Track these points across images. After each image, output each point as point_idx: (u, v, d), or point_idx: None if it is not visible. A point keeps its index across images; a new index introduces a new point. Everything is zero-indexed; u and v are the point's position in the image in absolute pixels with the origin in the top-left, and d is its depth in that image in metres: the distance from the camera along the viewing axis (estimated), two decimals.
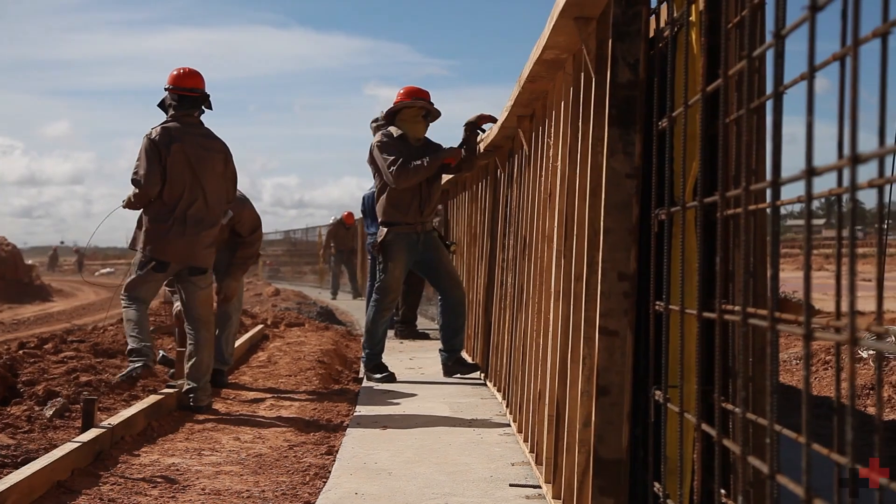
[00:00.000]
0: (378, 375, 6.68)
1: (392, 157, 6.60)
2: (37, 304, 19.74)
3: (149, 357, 5.41)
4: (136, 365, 5.36)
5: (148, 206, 5.53)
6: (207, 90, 5.71)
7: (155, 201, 5.51)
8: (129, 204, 5.62)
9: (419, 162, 6.57)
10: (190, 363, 5.59)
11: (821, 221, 45.07)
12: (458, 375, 6.78)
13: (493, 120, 6.52)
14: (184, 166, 5.50)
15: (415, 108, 6.73)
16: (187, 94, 5.63)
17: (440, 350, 6.94)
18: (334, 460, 4.24)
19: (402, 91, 6.89)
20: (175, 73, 5.68)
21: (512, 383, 5.13)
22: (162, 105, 5.70)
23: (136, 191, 5.51)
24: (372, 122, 8.13)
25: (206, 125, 5.74)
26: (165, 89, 5.69)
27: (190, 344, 5.61)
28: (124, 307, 5.52)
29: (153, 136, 5.52)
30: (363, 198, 10.09)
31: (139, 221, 5.57)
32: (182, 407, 5.52)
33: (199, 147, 5.56)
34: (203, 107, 5.69)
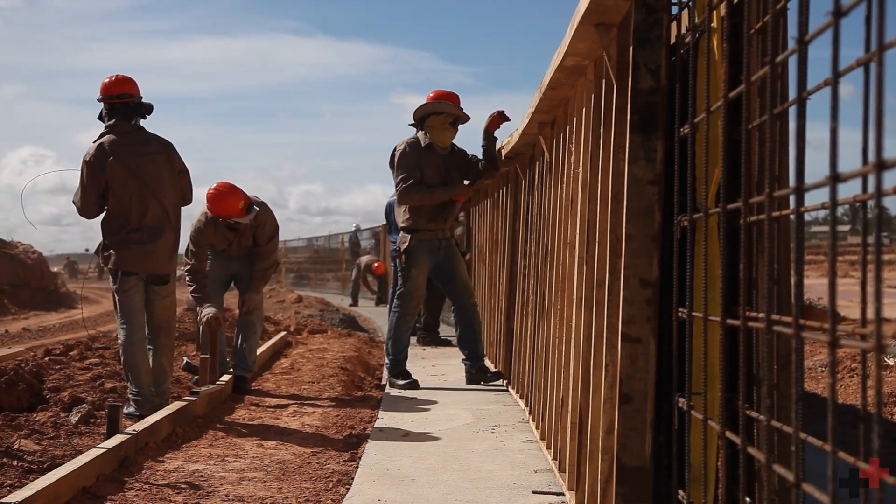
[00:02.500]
0: (401, 382, 6.68)
1: (405, 174, 6.63)
2: (62, 312, 19.90)
3: (146, 402, 5.40)
4: (132, 410, 5.38)
5: (103, 221, 5.50)
6: (232, 98, 5.75)
7: (107, 216, 5.48)
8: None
9: (427, 192, 6.62)
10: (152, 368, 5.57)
11: (846, 228, 44.76)
12: (482, 383, 6.78)
13: (506, 118, 6.54)
14: (125, 178, 5.42)
15: (443, 114, 6.73)
16: (118, 102, 5.52)
17: (463, 359, 6.93)
18: (357, 467, 4.25)
19: (431, 95, 6.88)
20: (105, 81, 5.57)
21: (534, 390, 5.12)
22: (101, 118, 5.61)
23: (77, 210, 5.50)
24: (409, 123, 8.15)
25: (147, 130, 5.60)
26: (98, 100, 5.60)
27: (149, 349, 5.56)
28: (119, 337, 5.52)
29: (88, 157, 5.45)
30: (387, 205, 10.12)
31: (103, 235, 5.54)
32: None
33: (136, 155, 5.46)
34: (138, 115, 5.57)
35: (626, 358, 2.68)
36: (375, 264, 19.78)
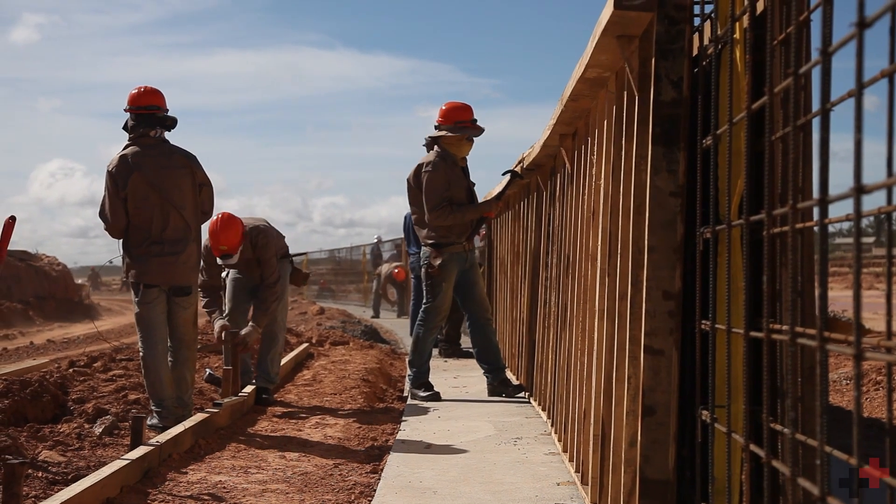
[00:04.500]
0: (423, 394, 6.68)
1: (437, 196, 6.66)
2: (86, 323, 20.05)
3: (169, 414, 5.42)
4: (155, 421, 5.40)
5: (126, 234, 5.54)
6: (259, 110, 5.78)
7: (129, 228, 5.51)
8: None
9: (459, 211, 6.68)
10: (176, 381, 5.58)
11: (870, 240, 44.41)
12: (503, 395, 6.77)
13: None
14: (147, 191, 5.46)
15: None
16: (144, 113, 5.57)
17: (484, 372, 6.92)
18: (379, 479, 4.25)
19: (444, 108, 6.86)
20: (134, 91, 5.63)
21: (557, 402, 5.10)
22: (125, 128, 5.66)
23: (104, 226, 5.54)
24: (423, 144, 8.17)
25: (171, 143, 5.65)
26: (125, 110, 5.65)
27: (170, 360, 5.59)
28: (140, 349, 5.55)
29: (111, 168, 5.50)
30: (405, 217, 10.14)
31: (124, 249, 5.57)
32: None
33: (159, 168, 5.50)
34: (163, 127, 5.61)
35: (649, 370, 2.67)
36: (396, 270, 19.80)
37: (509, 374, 7.17)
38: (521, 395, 6.75)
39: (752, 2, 1.69)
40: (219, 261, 6.45)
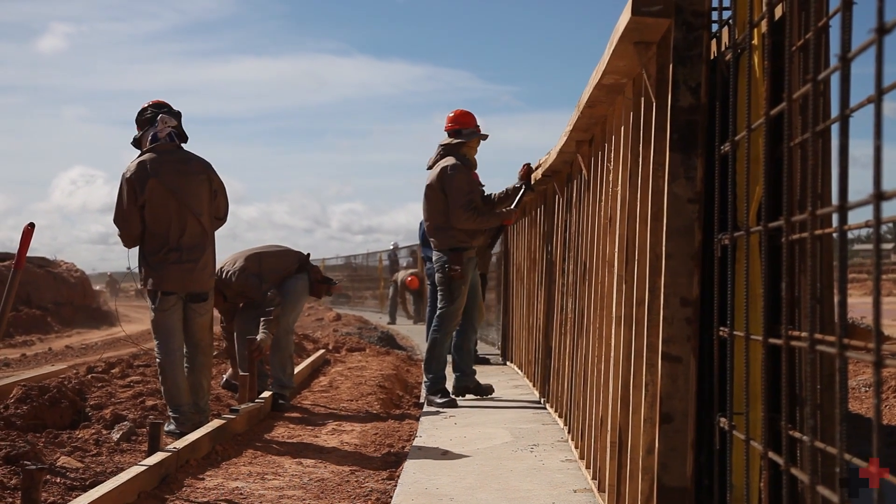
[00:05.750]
0: (440, 400, 6.68)
1: (467, 197, 6.71)
2: (104, 329, 20.13)
3: (186, 420, 5.44)
4: (173, 427, 5.42)
5: (141, 242, 5.55)
6: (278, 117, 5.83)
7: (146, 236, 5.52)
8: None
9: (484, 216, 6.77)
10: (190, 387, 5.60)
11: (889, 246, 44.15)
12: (471, 396, 7.02)
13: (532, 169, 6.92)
14: (165, 198, 5.48)
15: (479, 135, 7.02)
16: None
17: (459, 372, 7.11)
18: (396, 485, 4.25)
19: (456, 115, 6.98)
20: (146, 104, 5.71)
21: (573, 409, 5.09)
22: (135, 143, 5.69)
23: (118, 232, 5.55)
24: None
25: (185, 150, 5.68)
26: (139, 120, 5.68)
27: (186, 367, 5.60)
28: (157, 356, 5.57)
29: (128, 174, 5.51)
30: (420, 223, 10.14)
31: (139, 257, 5.59)
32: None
33: (176, 174, 5.53)
34: (179, 137, 5.65)
35: (667, 377, 2.66)
36: (409, 279, 19.77)
37: (524, 381, 7.15)
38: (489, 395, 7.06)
39: (771, 8, 1.68)
40: None
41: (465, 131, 6.89)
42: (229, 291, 6.81)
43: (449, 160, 6.83)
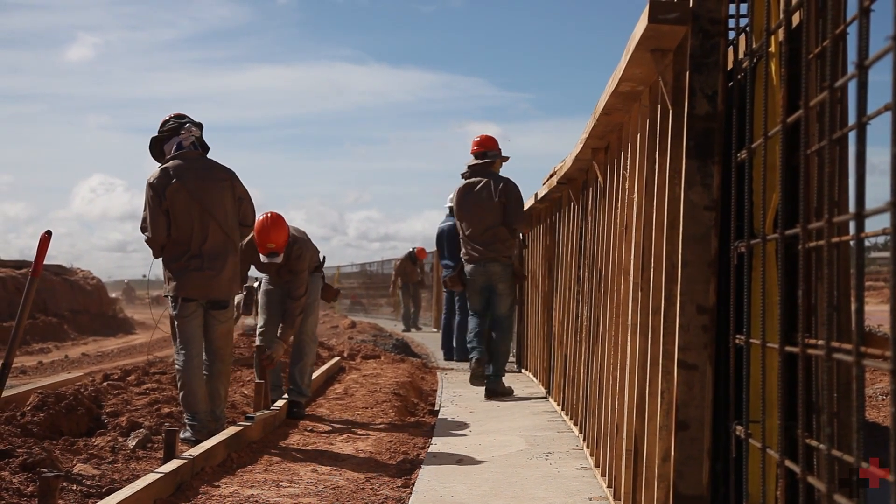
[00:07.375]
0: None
1: (527, 209, 8.01)
2: (120, 337, 20.21)
3: (202, 427, 5.44)
4: (188, 435, 5.43)
5: (165, 248, 5.58)
6: (296, 124, 5.85)
7: (168, 242, 5.55)
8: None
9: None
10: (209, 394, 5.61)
11: None
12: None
13: None
14: (188, 204, 5.51)
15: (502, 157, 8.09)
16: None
17: (495, 375, 7.73)
18: (411, 493, 4.25)
19: (485, 138, 8.01)
20: (167, 117, 5.76)
21: (589, 417, 5.08)
22: (153, 149, 5.73)
23: (146, 238, 5.58)
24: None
25: (209, 158, 5.73)
26: (160, 132, 5.73)
27: (205, 374, 5.61)
28: (176, 362, 5.59)
29: (152, 181, 5.55)
30: (440, 231, 10.20)
31: (163, 262, 5.62)
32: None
33: (200, 180, 5.55)
34: (201, 145, 5.70)
35: (683, 385, 2.65)
36: (419, 249, 20.72)
37: (535, 385, 7.16)
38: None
39: (788, 15, 1.68)
40: (263, 258, 6.47)
41: (490, 154, 7.93)
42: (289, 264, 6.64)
43: (498, 176, 7.83)
